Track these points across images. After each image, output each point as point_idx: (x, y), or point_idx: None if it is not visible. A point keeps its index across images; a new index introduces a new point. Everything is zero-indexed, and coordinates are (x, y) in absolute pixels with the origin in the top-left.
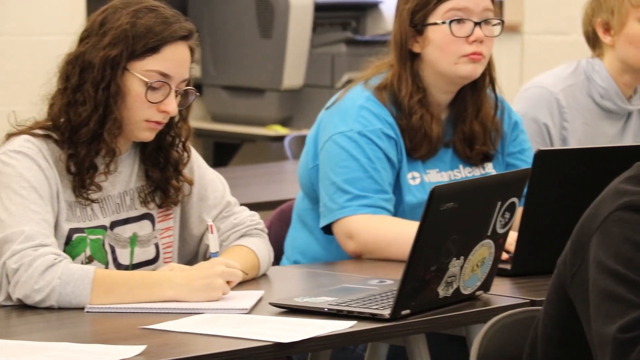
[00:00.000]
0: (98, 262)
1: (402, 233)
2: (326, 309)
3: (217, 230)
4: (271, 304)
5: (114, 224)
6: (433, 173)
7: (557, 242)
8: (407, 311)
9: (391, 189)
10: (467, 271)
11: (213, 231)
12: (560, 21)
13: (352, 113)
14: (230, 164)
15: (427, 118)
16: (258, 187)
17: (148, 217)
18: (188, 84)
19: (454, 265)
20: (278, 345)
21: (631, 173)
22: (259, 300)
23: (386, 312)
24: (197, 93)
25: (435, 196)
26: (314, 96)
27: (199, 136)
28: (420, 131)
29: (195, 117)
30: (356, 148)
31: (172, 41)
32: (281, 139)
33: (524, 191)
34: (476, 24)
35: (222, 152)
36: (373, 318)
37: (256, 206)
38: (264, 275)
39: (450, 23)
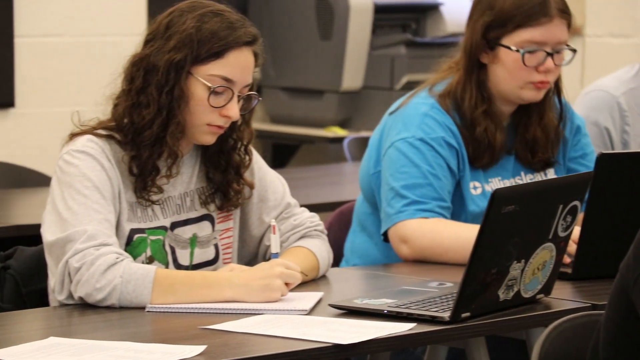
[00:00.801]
0: (158, 263)
1: (459, 238)
2: (386, 311)
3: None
4: (331, 306)
5: (174, 225)
6: (495, 181)
7: (619, 246)
8: (467, 314)
9: (449, 198)
10: (528, 274)
11: (275, 232)
12: (622, 24)
13: (416, 120)
14: (288, 166)
15: (492, 128)
16: (317, 189)
17: (208, 218)
18: (251, 89)
19: (515, 268)
20: (337, 346)
21: None
22: (319, 301)
23: (446, 315)
24: (260, 98)
25: (496, 199)
26: (373, 98)
27: (258, 137)
28: (483, 142)
29: (254, 119)
30: (417, 155)
31: (236, 46)
32: (340, 141)
33: (586, 195)
34: (548, 54)
35: (281, 154)
36: (433, 320)
37: (315, 207)
38: (324, 276)
39: (524, 53)
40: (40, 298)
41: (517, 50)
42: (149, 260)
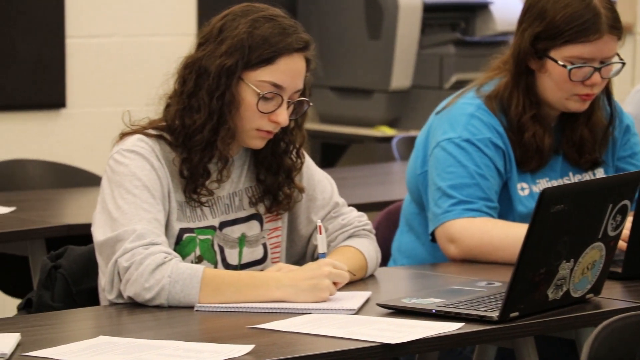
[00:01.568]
0: (207, 262)
1: (507, 237)
2: (434, 311)
3: (325, 230)
4: (379, 305)
5: (223, 225)
6: (543, 182)
7: None
8: (516, 313)
9: (496, 198)
10: (577, 274)
11: (321, 232)
12: None
13: (462, 121)
14: (337, 165)
15: (540, 133)
16: (365, 188)
17: (256, 218)
18: (303, 93)
19: (564, 267)
20: (385, 346)
21: None
22: (367, 301)
23: (495, 314)
24: (310, 103)
25: (545, 198)
26: (422, 97)
27: (307, 137)
28: (532, 147)
29: None
30: (464, 155)
31: (287, 53)
32: (388, 140)
33: (636, 194)
34: (595, 69)
35: (330, 153)
36: (481, 320)
37: (363, 207)
38: (372, 276)
39: (570, 69)
40: (90, 297)
41: (564, 65)
42: (198, 259)
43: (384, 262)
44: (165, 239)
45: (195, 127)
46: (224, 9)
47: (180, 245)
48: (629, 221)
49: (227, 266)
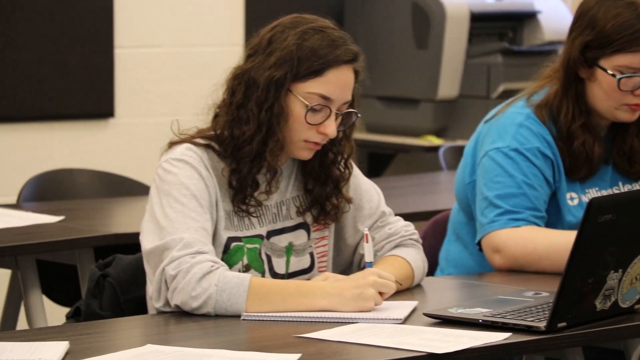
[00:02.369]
0: (255, 271)
1: (552, 244)
2: (481, 320)
3: (372, 239)
4: (425, 315)
5: (270, 234)
6: (592, 192)
7: None
8: (564, 324)
9: (544, 208)
10: (626, 284)
11: (368, 240)
12: None
13: (511, 130)
14: (384, 174)
15: (590, 142)
16: (412, 198)
17: (303, 227)
18: (351, 104)
19: (612, 278)
20: (432, 355)
21: None
22: (413, 310)
23: (542, 325)
24: (359, 115)
25: (593, 208)
26: (469, 107)
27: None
28: (581, 155)
29: None
30: (512, 164)
31: (336, 65)
32: (435, 150)
33: None
34: None
35: (376, 163)
36: (528, 330)
37: (410, 216)
38: (418, 285)
39: (620, 79)
40: (137, 306)
41: (613, 75)
42: (246, 268)
43: (431, 272)
44: (212, 248)
45: (244, 139)
46: (272, 19)
47: (227, 254)
48: None
49: (275, 275)
